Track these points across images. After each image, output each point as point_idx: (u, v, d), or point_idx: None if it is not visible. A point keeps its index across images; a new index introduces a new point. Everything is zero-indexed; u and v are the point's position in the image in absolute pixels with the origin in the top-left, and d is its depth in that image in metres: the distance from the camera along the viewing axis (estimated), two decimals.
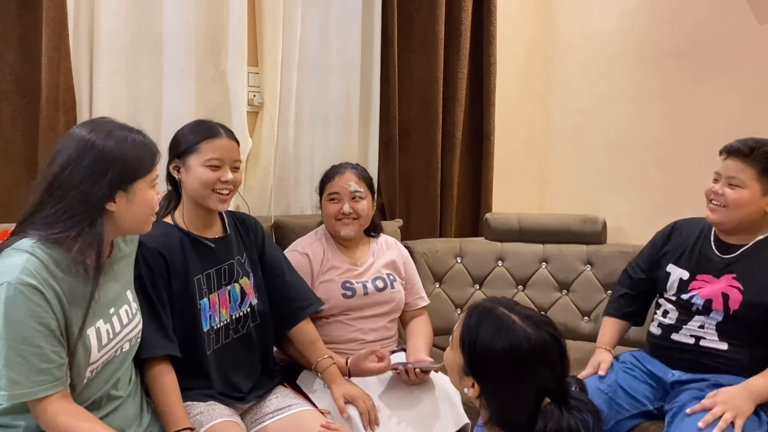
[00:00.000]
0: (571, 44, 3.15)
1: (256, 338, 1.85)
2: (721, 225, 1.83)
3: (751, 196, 1.75)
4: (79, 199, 1.30)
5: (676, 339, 1.87)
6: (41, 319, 1.25)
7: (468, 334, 1.21)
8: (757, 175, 1.75)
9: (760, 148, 1.75)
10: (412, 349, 2.08)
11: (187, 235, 1.74)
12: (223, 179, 1.71)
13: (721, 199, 1.79)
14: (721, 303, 1.79)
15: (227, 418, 1.66)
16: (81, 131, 1.35)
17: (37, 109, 2.04)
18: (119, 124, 1.39)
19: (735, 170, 1.77)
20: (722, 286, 1.80)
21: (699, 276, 1.86)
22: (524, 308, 1.24)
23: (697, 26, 2.66)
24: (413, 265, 2.29)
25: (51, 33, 2.00)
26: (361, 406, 1.79)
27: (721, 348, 1.79)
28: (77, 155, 1.31)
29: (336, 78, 2.69)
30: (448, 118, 2.89)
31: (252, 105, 2.52)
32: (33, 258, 1.26)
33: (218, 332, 1.77)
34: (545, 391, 1.15)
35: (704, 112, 2.64)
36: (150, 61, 2.26)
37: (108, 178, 1.31)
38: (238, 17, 2.38)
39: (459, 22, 2.86)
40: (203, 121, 1.80)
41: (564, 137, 3.21)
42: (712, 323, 1.81)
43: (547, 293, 2.70)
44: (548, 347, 1.17)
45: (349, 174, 2.11)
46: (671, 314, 1.90)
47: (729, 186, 1.78)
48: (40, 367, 1.25)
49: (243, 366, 1.81)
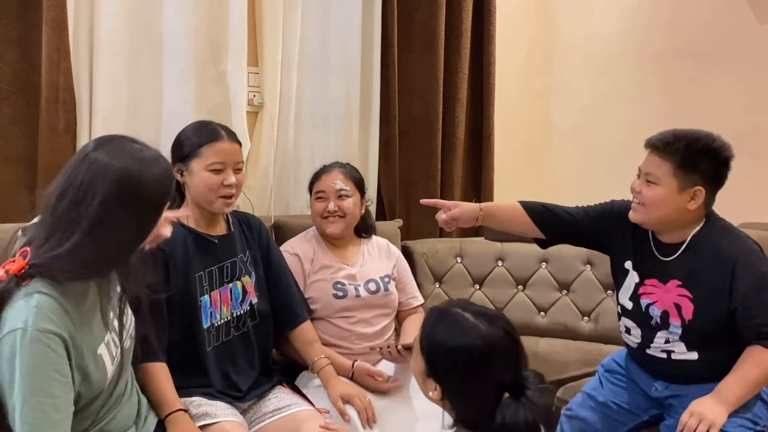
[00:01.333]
0: (571, 44, 3.15)
1: (255, 337, 1.86)
2: (643, 224, 1.71)
3: (667, 193, 1.61)
4: (120, 248, 1.24)
5: (649, 354, 1.78)
6: (58, 366, 1.17)
7: (426, 337, 1.23)
8: (673, 169, 1.61)
9: (676, 142, 1.62)
10: (403, 338, 2.10)
11: (190, 232, 1.75)
12: (226, 183, 1.71)
13: (639, 197, 1.68)
14: (677, 314, 1.68)
15: (233, 418, 1.66)
16: (110, 161, 1.22)
17: (37, 109, 2.04)
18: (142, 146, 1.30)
19: (652, 166, 1.65)
20: (672, 297, 1.69)
21: (647, 280, 1.74)
22: (478, 306, 1.26)
23: (698, 26, 2.67)
24: (406, 264, 2.29)
25: (51, 33, 2.00)
26: (358, 404, 1.79)
27: (692, 358, 1.70)
28: (117, 192, 1.20)
29: (336, 78, 2.69)
30: (448, 118, 2.89)
31: (252, 105, 2.52)
32: (45, 298, 1.17)
33: (219, 329, 1.77)
34: (503, 386, 1.16)
35: (704, 112, 2.64)
36: (150, 61, 2.26)
37: (151, 213, 1.26)
38: (238, 17, 2.38)
39: (459, 22, 2.86)
40: (204, 123, 1.80)
41: (564, 137, 3.21)
42: (675, 336, 1.70)
43: (547, 293, 2.69)
44: (501, 342, 1.18)
45: (335, 173, 2.12)
46: (634, 332, 1.79)
47: (647, 183, 1.66)
48: (55, 419, 1.17)
49: (242, 364, 1.81)
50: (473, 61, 2.95)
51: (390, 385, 1.92)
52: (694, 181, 1.61)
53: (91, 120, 2.12)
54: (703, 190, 1.62)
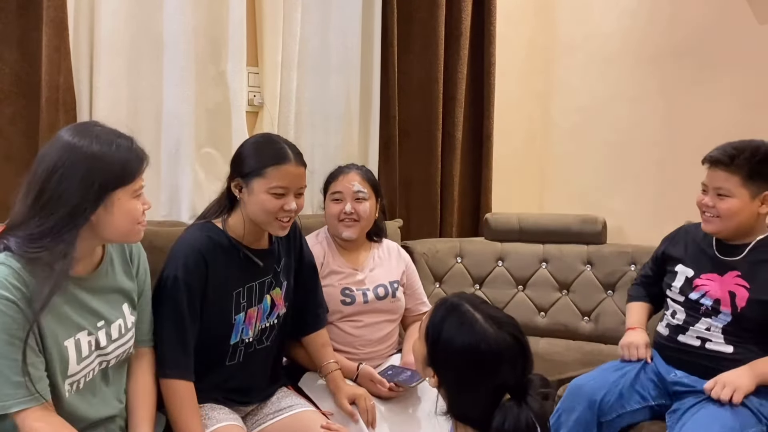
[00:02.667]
0: (571, 44, 3.15)
1: (274, 346, 1.82)
2: (719, 234, 1.85)
3: (741, 203, 1.76)
4: (67, 219, 1.25)
5: (682, 341, 1.88)
6: (14, 331, 1.22)
7: (432, 328, 1.23)
8: (742, 181, 1.75)
9: (739, 155, 1.75)
10: (405, 349, 2.08)
11: (235, 247, 1.66)
12: (286, 207, 1.61)
13: (712, 211, 1.80)
14: (729, 302, 1.79)
15: (230, 422, 1.64)
16: (65, 135, 1.30)
17: (37, 109, 2.04)
18: (107, 129, 1.33)
19: (720, 180, 1.78)
20: (729, 285, 1.81)
21: (703, 275, 1.87)
22: (490, 307, 1.25)
23: (697, 26, 2.67)
24: (415, 270, 2.26)
25: (51, 33, 2.00)
26: (362, 405, 1.80)
27: (727, 351, 1.79)
28: (63, 161, 1.25)
29: (336, 78, 2.68)
30: (448, 118, 2.90)
31: (252, 105, 2.52)
32: (3, 267, 1.23)
33: (245, 345, 1.72)
34: (505, 388, 1.16)
35: (704, 112, 2.64)
36: (150, 61, 2.26)
37: (95, 188, 1.26)
38: (238, 17, 2.38)
39: (459, 22, 2.86)
40: (272, 141, 1.68)
41: (564, 137, 3.21)
42: (718, 326, 1.81)
43: (547, 293, 2.70)
44: (509, 348, 1.18)
45: (353, 174, 2.07)
46: (679, 315, 1.90)
47: (718, 196, 1.79)
48: (13, 380, 1.22)
49: (256, 376, 1.78)
50: (473, 61, 2.95)
51: (391, 393, 1.90)
52: (762, 187, 1.77)
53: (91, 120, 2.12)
54: None
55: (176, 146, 2.31)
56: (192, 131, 2.34)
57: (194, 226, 1.70)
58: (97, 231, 1.32)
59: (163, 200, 2.31)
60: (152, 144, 2.21)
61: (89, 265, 1.39)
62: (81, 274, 1.37)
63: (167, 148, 2.30)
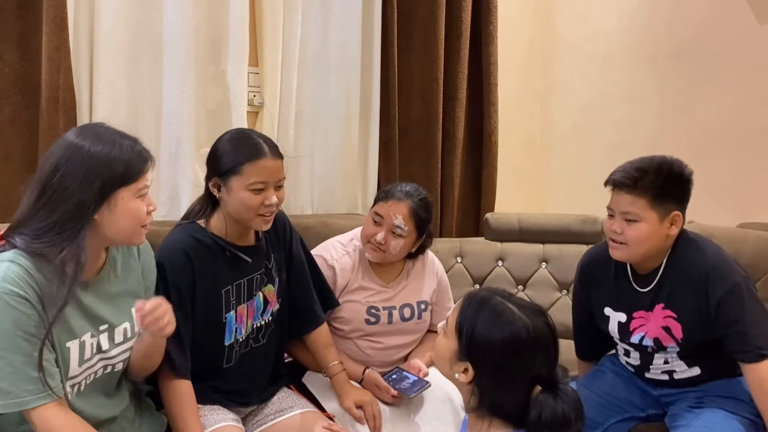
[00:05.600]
0: (571, 44, 3.15)
1: (272, 345, 1.81)
2: (628, 260, 1.74)
3: (651, 227, 1.63)
4: (70, 215, 1.26)
5: (649, 377, 1.82)
6: (28, 327, 1.23)
7: (466, 322, 1.23)
8: (650, 203, 1.62)
9: (643, 177, 1.63)
10: (415, 353, 2.04)
11: (220, 246, 1.65)
12: (267, 203, 1.59)
13: (620, 237, 1.67)
14: (668, 337, 1.71)
15: (229, 423, 1.64)
16: (70, 135, 1.32)
17: (37, 109, 2.04)
18: (112, 130, 1.35)
19: (627, 204, 1.64)
20: (659, 321, 1.72)
21: (635, 314, 1.76)
22: (519, 299, 1.27)
23: (697, 26, 2.67)
24: (447, 286, 2.14)
25: (51, 33, 2.00)
26: (368, 412, 1.78)
27: (695, 373, 1.74)
28: (65, 160, 1.27)
29: (336, 78, 2.69)
30: (448, 118, 2.89)
31: (252, 105, 2.53)
32: (14, 266, 1.24)
33: (240, 345, 1.71)
34: (537, 380, 1.18)
35: (704, 112, 2.65)
36: (150, 61, 2.26)
37: (97, 186, 1.27)
38: (238, 17, 2.38)
39: (459, 22, 2.86)
40: (246, 136, 1.64)
41: (564, 137, 3.21)
42: (673, 355, 1.73)
43: (547, 293, 2.70)
44: (545, 336, 1.20)
45: (402, 206, 1.90)
46: (633, 354, 1.82)
47: (626, 221, 1.65)
48: (31, 376, 1.23)
49: (255, 374, 1.77)
50: (473, 61, 2.95)
51: (395, 400, 1.88)
52: (670, 208, 1.65)
53: (91, 120, 2.12)
54: (680, 213, 1.67)
55: (176, 146, 2.32)
56: (192, 131, 2.34)
57: (178, 227, 1.69)
58: (101, 232, 1.32)
59: (163, 200, 2.31)
60: (152, 144, 2.17)
61: (92, 270, 1.39)
62: (84, 278, 1.36)
63: (167, 148, 2.31)
